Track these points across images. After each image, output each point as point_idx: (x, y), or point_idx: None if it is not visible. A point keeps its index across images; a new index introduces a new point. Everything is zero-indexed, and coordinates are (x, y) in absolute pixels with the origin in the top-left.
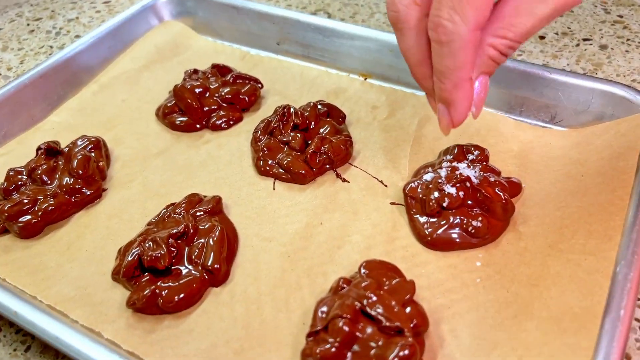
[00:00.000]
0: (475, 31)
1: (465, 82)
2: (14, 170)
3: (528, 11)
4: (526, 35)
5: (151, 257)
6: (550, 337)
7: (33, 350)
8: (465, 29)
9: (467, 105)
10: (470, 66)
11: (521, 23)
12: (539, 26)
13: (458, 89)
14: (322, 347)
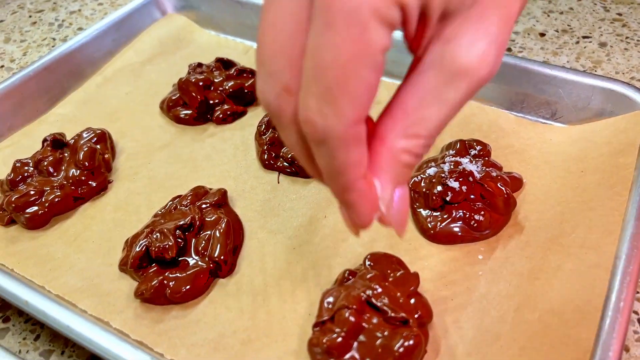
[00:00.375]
0: (354, 126)
1: (356, 183)
2: (21, 162)
3: (436, 99)
4: (441, 128)
5: (159, 248)
6: (552, 328)
7: (42, 339)
8: (340, 125)
9: (368, 207)
10: (358, 164)
11: (432, 115)
12: (453, 115)
13: (350, 192)
14: (328, 337)
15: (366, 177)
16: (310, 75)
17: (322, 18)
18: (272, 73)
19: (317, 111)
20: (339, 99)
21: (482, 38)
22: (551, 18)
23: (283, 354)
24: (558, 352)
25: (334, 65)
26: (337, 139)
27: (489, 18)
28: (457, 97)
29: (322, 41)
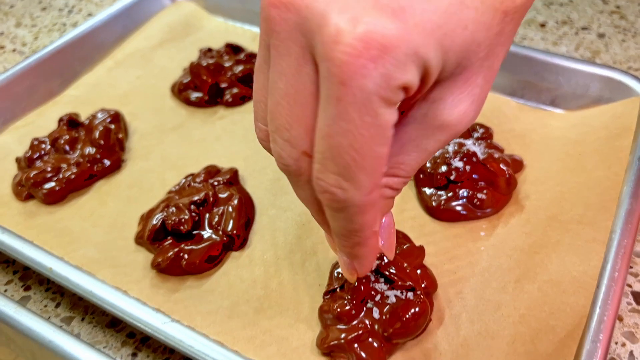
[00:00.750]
0: (372, 194)
1: (369, 239)
2: (38, 140)
3: (415, 148)
4: (417, 169)
5: (174, 222)
6: (550, 297)
7: (63, 306)
8: (359, 196)
9: (373, 257)
10: (371, 224)
11: (411, 160)
12: (427, 159)
13: (361, 247)
14: (339, 303)
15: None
16: (327, 155)
17: (334, 107)
18: (291, 139)
19: (336, 186)
20: (357, 175)
21: (465, 99)
22: (551, 10)
23: (294, 321)
24: (556, 318)
25: (350, 148)
26: (356, 207)
27: (474, 81)
28: (434, 146)
29: (337, 128)
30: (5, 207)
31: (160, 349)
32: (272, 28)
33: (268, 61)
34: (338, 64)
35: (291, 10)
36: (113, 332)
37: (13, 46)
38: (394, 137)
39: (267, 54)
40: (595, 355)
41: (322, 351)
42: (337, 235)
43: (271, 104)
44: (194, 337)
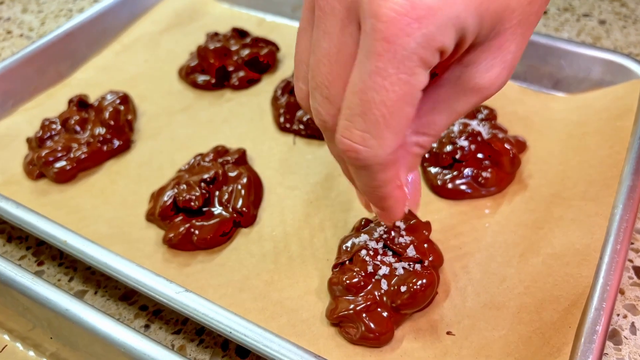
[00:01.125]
0: (395, 152)
1: (393, 192)
2: (49, 120)
3: (447, 109)
4: (445, 129)
5: (185, 198)
6: (554, 269)
7: (76, 280)
8: (383, 154)
9: (401, 207)
10: (394, 180)
11: (441, 120)
12: (456, 120)
13: (386, 200)
14: (348, 275)
15: (400, 185)
16: (357, 111)
17: (372, 63)
18: (330, 96)
19: (361, 142)
20: (384, 132)
21: (497, 65)
22: None
23: (304, 293)
24: (560, 289)
25: (382, 104)
26: (379, 164)
27: (507, 48)
28: (464, 108)
29: (372, 83)
30: (17, 186)
31: (172, 320)
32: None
33: (312, 23)
34: (384, 20)
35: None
36: (126, 305)
37: (20, 31)
38: (427, 98)
39: (311, 17)
40: (598, 322)
41: (331, 321)
42: (363, 191)
43: (313, 62)
44: (207, 306)
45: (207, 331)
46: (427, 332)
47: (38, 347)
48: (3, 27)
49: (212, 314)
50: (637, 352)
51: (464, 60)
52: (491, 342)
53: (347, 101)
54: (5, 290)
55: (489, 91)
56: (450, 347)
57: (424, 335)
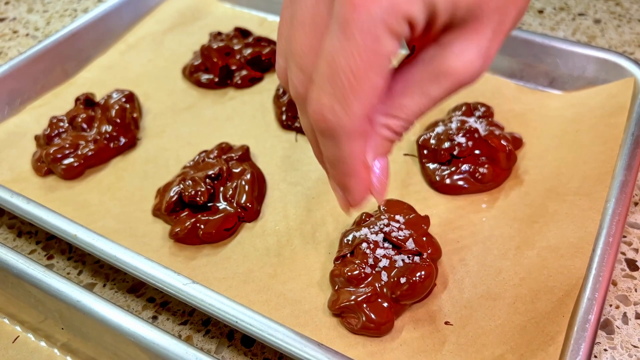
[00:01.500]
0: (361, 122)
1: (357, 169)
2: (57, 118)
3: (420, 92)
4: (418, 115)
5: (191, 194)
6: (549, 261)
7: (85, 273)
8: (348, 122)
9: (363, 189)
10: (359, 155)
11: (413, 104)
12: (430, 107)
13: (350, 177)
14: (349, 267)
15: (365, 165)
16: (325, 76)
17: (340, 29)
18: (303, 66)
19: (328, 108)
20: (349, 98)
21: (471, 49)
22: None
23: (306, 286)
24: (555, 280)
25: (348, 69)
26: (345, 133)
27: (483, 32)
28: (437, 93)
29: (339, 48)
30: (25, 182)
31: (179, 312)
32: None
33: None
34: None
35: None
36: (134, 297)
37: (26, 31)
38: (400, 77)
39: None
40: (591, 311)
41: (333, 312)
42: (328, 164)
43: (289, 34)
44: (214, 297)
45: (213, 322)
46: (426, 322)
47: (49, 337)
48: (9, 27)
49: (219, 305)
50: (629, 341)
51: (439, 40)
52: (488, 331)
53: (317, 68)
54: (17, 283)
55: (462, 77)
56: (449, 337)
57: (423, 325)
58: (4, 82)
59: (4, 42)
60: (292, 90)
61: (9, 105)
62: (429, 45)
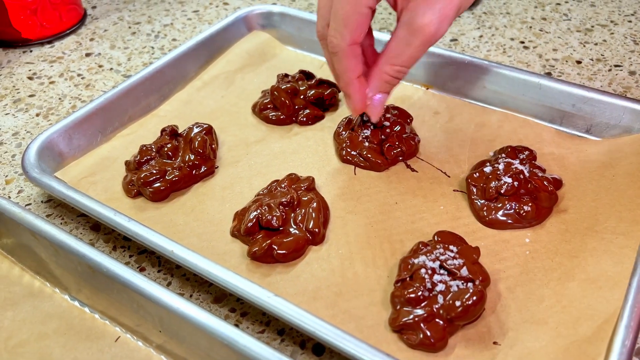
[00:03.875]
0: (352, 46)
1: (353, 80)
2: (146, 147)
3: (405, 44)
4: (409, 62)
5: (267, 219)
6: (589, 292)
7: (173, 285)
8: (343, 43)
9: (360, 98)
10: (353, 69)
11: (402, 53)
12: (416, 56)
13: (349, 86)
14: (409, 290)
15: (360, 80)
16: (332, 18)
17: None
18: (324, 16)
19: (333, 35)
20: (343, 30)
21: (429, 10)
22: (587, 48)
23: (369, 305)
24: (594, 309)
25: (342, 13)
26: (342, 51)
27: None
28: (416, 43)
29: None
30: (118, 202)
31: (257, 322)
32: None
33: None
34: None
35: None
36: (217, 307)
37: (110, 65)
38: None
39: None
40: (627, 338)
41: (393, 329)
42: (337, 77)
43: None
44: (294, 309)
45: (287, 332)
46: (476, 342)
47: (146, 339)
48: (95, 62)
49: (298, 316)
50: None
51: (409, 6)
52: (533, 351)
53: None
54: (122, 290)
55: (427, 31)
56: (497, 355)
57: (474, 344)
58: (99, 113)
59: (91, 75)
60: (318, 33)
61: (101, 133)
62: (404, 11)
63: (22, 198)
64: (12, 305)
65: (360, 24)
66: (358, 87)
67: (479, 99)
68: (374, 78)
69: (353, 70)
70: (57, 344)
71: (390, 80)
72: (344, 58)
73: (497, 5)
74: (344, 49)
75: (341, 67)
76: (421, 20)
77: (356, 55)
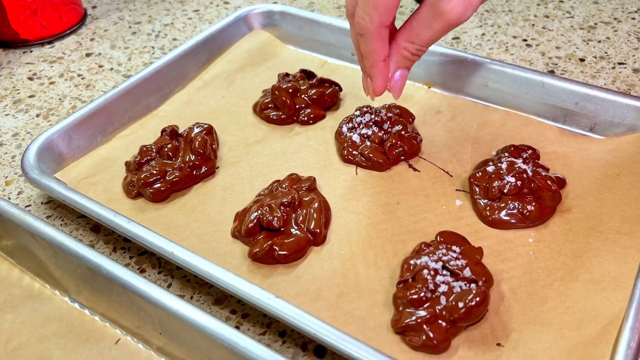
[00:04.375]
0: (379, 28)
1: (379, 63)
2: (146, 147)
3: (427, 25)
4: (428, 42)
5: (268, 219)
6: (592, 293)
7: (174, 286)
8: (372, 26)
9: (383, 80)
10: (380, 52)
11: (422, 33)
12: (436, 37)
13: (374, 67)
14: (411, 291)
15: (385, 63)
16: (361, 1)
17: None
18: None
19: (361, 17)
20: (372, 13)
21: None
22: (590, 46)
23: (371, 306)
24: (598, 310)
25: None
26: (369, 34)
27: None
28: (437, 26)
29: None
30: (118, 203)
31: (258, 323)
32: None
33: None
34: None
35: None
36: (218, 309)
37: (110, 65)
38: (414, 17)
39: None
40: (633, 340)
41: (395, 330)
42: (362, 57)
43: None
44: (295, 311)
45: (288, 333)
46: (479, 343)
47: (146, 341)
48: (95, 62)
49: (299, 318)
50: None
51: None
52: (536, 353)
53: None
54: (122, 292)
55: (451, 16)
56: (500, 357)
57: (477, 346)
58: (98, 113)
59: (91, 75)
60: (347, 11)
61: (101, 133)
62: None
63: (22, 199)
64: (12, 307)
65: (390, 8)
66: (382, 69)
67: (481, 98)
68: (393, 52)
69: (380, 52)
70: (57, 346)
71: (410, 56)
72: (371, 40)
73: (499, 3)
74: (372, 32)
75: (368, 49)
76: (446, 5)
77: (383, 38)
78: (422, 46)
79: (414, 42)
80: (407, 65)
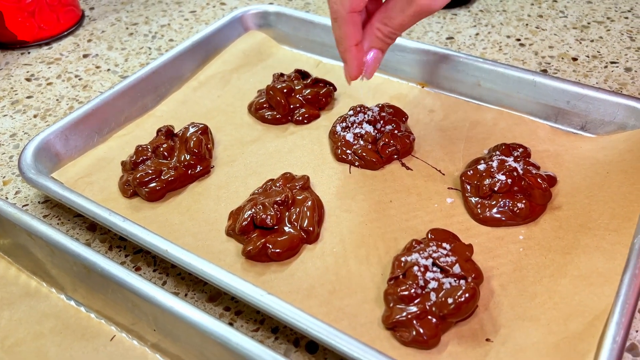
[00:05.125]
0: (351, 13)
1: (351, 47)
2: (142, 147)
3: (400, 9)
4: (400, 27)
5: (262, 217)
6: (580, 289)
7: (169, 284)
8: (343, 11)
9: (357, 65)
10: (352, 36)
11: (395, 17)
12: (408, 22)
13: (347, 52)
14: (401, 287)
15: (357, 47)
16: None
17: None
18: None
19: (334, 2)
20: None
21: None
22: (583, 45)
23: (362, 302)
24: (585, 305)
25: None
26: (341, 18)
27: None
28: (409, 11)
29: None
30: (114, 202)
31: (251, 320)
32: None
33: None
34: None
35: None
36: (212, 306)
37: (107, 66)
38: (390, 1)
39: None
40: (618, 334)
41: (386, 326)
42: (336, 42)
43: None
44: (287, 308)
45: (281, 330)
46: (469, 339)
47: (141, 338)
48: (92, 63)
49: (291, 314)
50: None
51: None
52: (525, 348)
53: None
54: (117, 290)
55: (423, 2)
56: (489, 352)
57: (466, 341)
58: (95, 114)
59: (88, 75)
60: (334, 10)
61: (98, 133)
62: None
63: (19, 199)
64: (9, 305)
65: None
66: (355, 53)
67: (474, 97)
68: (367, 33)
69: (351, 37)
70: (53, 343)
71: (382, 37)
72: (343, 25)
73: (493, 3)
74: (344, 16)
75: (340, 33)
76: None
77: (355, 23)
78: (394, 29)
79: (387, 25)
80: (381, 47)
